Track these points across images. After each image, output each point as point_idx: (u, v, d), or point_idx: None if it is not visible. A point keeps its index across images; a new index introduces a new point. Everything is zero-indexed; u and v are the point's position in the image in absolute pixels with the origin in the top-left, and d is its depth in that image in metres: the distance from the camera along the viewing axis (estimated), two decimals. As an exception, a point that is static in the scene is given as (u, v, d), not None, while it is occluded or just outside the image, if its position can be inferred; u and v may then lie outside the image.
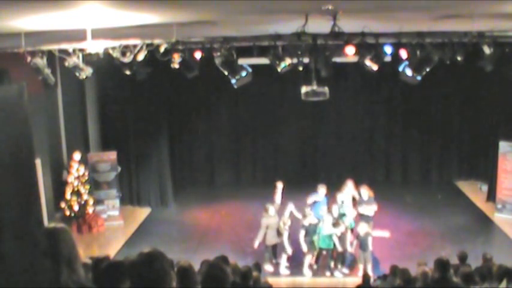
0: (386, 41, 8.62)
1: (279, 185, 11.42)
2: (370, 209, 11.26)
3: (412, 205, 14.55)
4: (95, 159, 14.31)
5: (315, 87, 8.98)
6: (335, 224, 10.63)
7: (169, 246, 12.28)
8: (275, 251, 11.13)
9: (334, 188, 11.76)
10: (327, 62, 8.36)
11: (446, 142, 16.86)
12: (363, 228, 10.58)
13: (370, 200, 11.44)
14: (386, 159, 17.18)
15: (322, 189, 11.50)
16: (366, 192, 11.43)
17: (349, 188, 11.64)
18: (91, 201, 13.62)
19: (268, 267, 10.95)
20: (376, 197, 11.94)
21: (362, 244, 10.59)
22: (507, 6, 5.50)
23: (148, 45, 9.16)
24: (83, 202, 13.41)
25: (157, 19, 6.20)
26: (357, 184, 11.74)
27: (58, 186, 13.35)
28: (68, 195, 13.26)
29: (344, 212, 11.13)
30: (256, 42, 8.87)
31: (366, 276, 8.68)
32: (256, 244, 10.94)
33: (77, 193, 13.34)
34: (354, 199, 11.61)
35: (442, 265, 6.13)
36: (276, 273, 10.90)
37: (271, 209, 10.95)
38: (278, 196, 11.32)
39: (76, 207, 13.30)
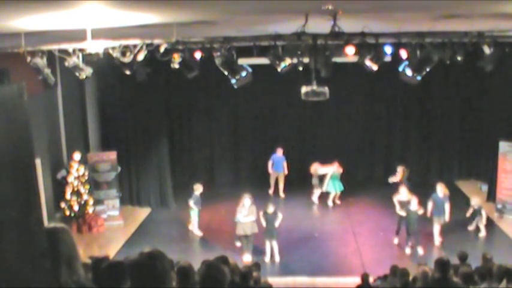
0: (386, 41, 8.62)
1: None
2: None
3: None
4: (95, 159, 14.31)
5: (315, 87, 8.98)
6: None
7: (169, 246, 12.29)
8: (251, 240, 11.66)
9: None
10: (327, 62, 8.36)
11: (446, 142, 16.86)
12: None
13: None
14: (387, 159, 17.17)
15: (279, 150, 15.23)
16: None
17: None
18: (91, 201, 13.62)
19: (246, 258, 11.43)
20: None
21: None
22: (507, 6, 5.50)
23: (148, 45, 9.16)
24: (83, 202, 13.41)
25: (158, 19, 6.20)
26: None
27: (58, 186, 13.35)
28: (68, 195, 13.26)
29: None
30: (256, 42, 8.86)
31: (365, 276, 8.68)
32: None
33: (77, 193, 13.34)
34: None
35: (442, 265, 6.13)
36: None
37: (246, 201, 11.51)
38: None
39: (76, 207, 13.30)
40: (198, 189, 13.14)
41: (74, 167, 13.35)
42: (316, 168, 14.99)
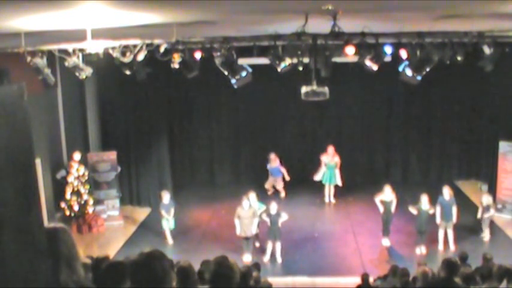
0: (386, 41, 8.62)
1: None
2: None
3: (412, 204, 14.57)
4: (95, 159, 14.31)
5: (315, 87, 8.98)
6: None
7: (170, 246, 12.30)
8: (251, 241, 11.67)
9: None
10: (327, 62, 8.37)
11: (446, 142, 16.85)
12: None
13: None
14: (387, 159, 17.18)
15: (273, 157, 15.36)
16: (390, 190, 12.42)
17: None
18: (91, 201, 13.62)
19: (245, 258, 11.41)
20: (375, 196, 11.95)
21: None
22: (507, 6, 5.49)
23: (148, 45, 9.16)
24: (83, 202, 13.41)
25: (158, 19, 6.19)
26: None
27: (58, 186, 13.35)
28: (68, 195, 13.27)
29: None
30: (256, 42, 8.87)
31: (365, 276, 8.68)
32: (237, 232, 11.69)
33: (77, 193, 13.34)
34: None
35: (450, 266, 6.10)
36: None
37: (245, 202, 11.55)
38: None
39: (76, 207, 13.31)
40: (165, 196, 12.81)
41: (74, 167, 13.36)
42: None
